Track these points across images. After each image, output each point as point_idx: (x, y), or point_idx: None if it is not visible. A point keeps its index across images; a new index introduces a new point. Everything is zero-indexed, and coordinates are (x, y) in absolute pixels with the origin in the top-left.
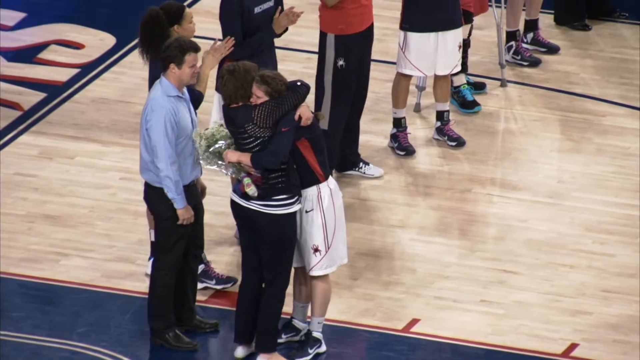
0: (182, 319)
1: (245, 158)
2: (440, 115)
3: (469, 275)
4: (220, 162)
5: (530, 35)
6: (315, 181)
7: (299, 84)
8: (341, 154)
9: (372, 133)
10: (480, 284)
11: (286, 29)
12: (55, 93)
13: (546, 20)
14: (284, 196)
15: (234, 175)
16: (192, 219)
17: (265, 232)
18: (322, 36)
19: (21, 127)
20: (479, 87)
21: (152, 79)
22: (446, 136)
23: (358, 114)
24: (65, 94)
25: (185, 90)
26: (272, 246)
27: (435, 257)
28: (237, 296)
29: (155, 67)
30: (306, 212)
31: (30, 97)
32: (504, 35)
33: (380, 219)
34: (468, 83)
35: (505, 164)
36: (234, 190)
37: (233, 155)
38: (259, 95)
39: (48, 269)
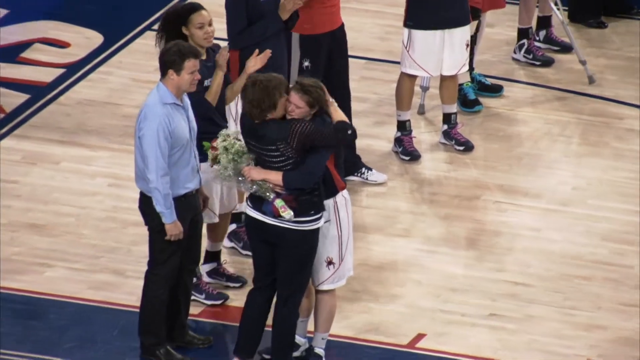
0: (173, 334)
1: (274, 177)
2: (447, 118)
3: (478, 287)
4: (240, 178)
5: (542, 33)
6: (334, 192)
7: (349, 132)
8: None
9: (375, 137)
10: (490, 296)
11: (296, 19)
12: (39, 94)
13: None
14: (313, 211)
15: (257, 193)
16: (182, 235)
17: (293, 249)
18: (288, 36)
19: (3, 131)
20: (495, 90)
21: None
22: (453, 140)
23: (347, 115)
24: (49, 96)
25: (185, 97)
26: (296, 262)
27: (442, 268)
28: (232, 310)
29: None
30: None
31: (12, 99)
32: (569, 30)
33: (384, 227)
34: (484, 85)
35: (516, 170)
36: (254, 208)
37: (258, 174)
38: (300, 105)
39: (32, 280)
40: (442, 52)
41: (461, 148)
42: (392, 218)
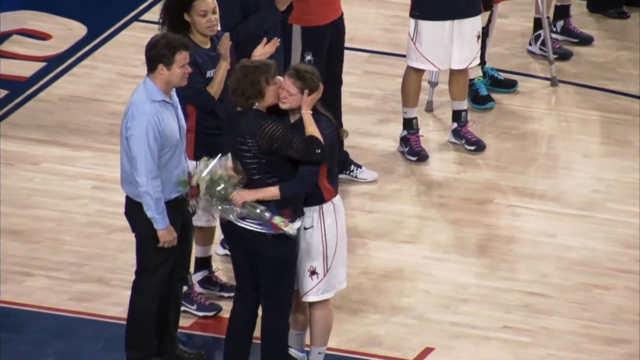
0: (163, 348)
1: (270, 193)
2: (457, 115)
3: (490, 297)
4: (227, 206)
5: (560, 24)
6: (320, 200)
7: (318, 151)
8: None
9: (379, 136)
10: (503, 307)
11: (290, 11)
12: (17, 90)
13: (578, 8)
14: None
15: (250, 217)
16: (175, 241)
17: (265, 255)
18: (288, 28)
19: None
20: (509, 85)
21: None
22: (464, 139)
23: (336, 112)
24: (29, 92)
25: (173, 94)
26: (272, 269)
27: (451, 277)
28: (226, 322)
29: None
30: (305, 229)
31: None
32: (547, 25)
33: (389, 233)
34: (497, 80)
35: (532, 171)
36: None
37: (249, 194)
38: (293, 92)
39: (9, 290)
40: (451, 44)
41: (472, 148)
42: (397, 223)
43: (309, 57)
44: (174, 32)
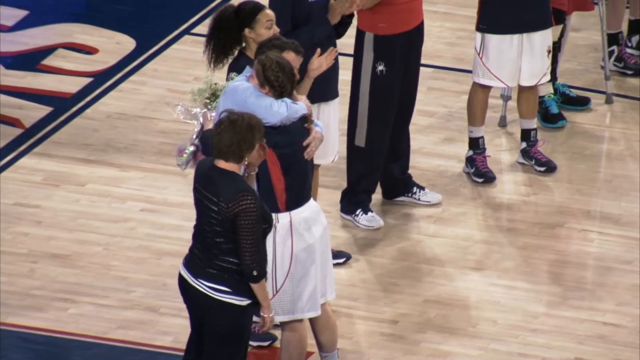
0: None
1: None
2: (526, 135)
3: (561, 328)
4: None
5: (635, 39)
6: (274, 209)
7: (254, 272)
8: (390, 177)
9: (444, 156)
10: (575, 338)
11: (347, 25)
12: (62, 107)
13: None
14: (236, 289)
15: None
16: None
17: (211, 321)
18: (360, 35)
19: (22, 148)
20: (581, 103)
21: None
22: (533, 159)
23: (404, 127)
24: (75, 108)
25: None
26: (216, 337)
27: (520, 305)
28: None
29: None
30: None
31: (32, 112)
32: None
33: (454, 259)
34: (569, 98)
35: (605, 194)
36: (185, 264)
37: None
38: (253, 74)
39: (54, 318)
40: (520, 59)
41: (542, 169)
42: (463, 248)
43: (380, 68)
44: (222, 50)
